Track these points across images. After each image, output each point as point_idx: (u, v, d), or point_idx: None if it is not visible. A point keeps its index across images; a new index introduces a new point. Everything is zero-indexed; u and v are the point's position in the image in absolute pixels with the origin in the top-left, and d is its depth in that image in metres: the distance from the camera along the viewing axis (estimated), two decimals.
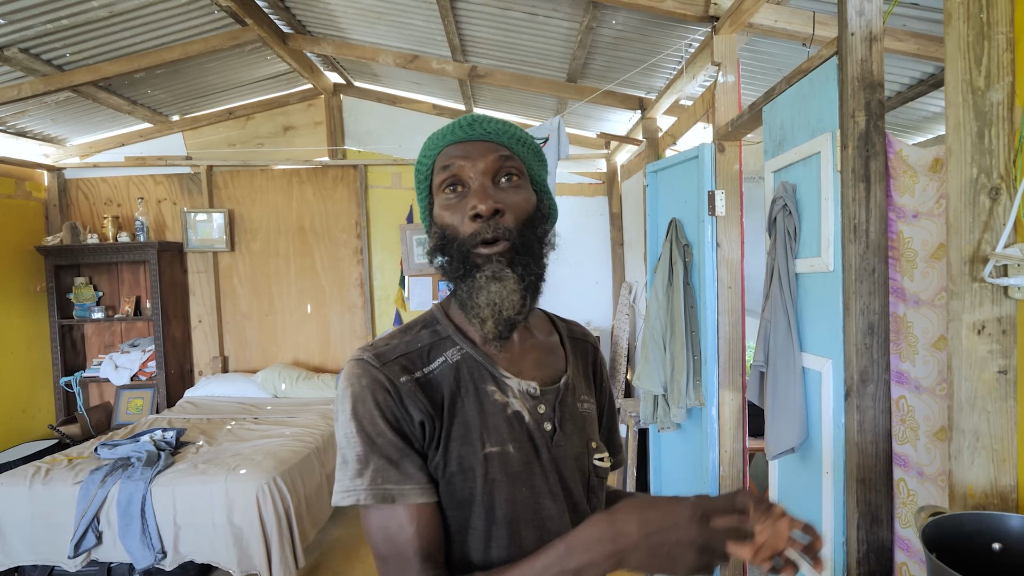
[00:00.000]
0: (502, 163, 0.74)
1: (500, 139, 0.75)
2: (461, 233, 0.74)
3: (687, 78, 2.49)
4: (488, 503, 0.71)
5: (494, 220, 0.72)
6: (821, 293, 1.49)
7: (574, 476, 0.78)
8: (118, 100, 3.68)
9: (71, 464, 2.77)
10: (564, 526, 0.75)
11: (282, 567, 2.50)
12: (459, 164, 0.74)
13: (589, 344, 0.92)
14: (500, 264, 0.72)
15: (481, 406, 0.74)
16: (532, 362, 0.81)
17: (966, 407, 1.00)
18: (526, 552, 0.72)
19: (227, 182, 4.39)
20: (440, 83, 3.90)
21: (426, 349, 0.76)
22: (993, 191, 0.96)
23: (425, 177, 0.79)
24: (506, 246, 0.73)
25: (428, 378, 0.74)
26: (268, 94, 4.31)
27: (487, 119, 0.76)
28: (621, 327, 3.78)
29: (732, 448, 2.23)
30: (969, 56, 0.96)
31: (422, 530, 0.68)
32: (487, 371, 0.76)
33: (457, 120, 0.77)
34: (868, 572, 1.36)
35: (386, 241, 4.45)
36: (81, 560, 2.52)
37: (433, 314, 0.81)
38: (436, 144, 0.77)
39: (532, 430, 0.75)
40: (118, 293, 4.33)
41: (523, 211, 0.75)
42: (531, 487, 0.74)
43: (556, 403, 0.79)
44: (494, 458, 0.72)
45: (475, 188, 0.73)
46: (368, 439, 0.69)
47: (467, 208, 0.73)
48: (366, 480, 0.68)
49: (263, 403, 3.92)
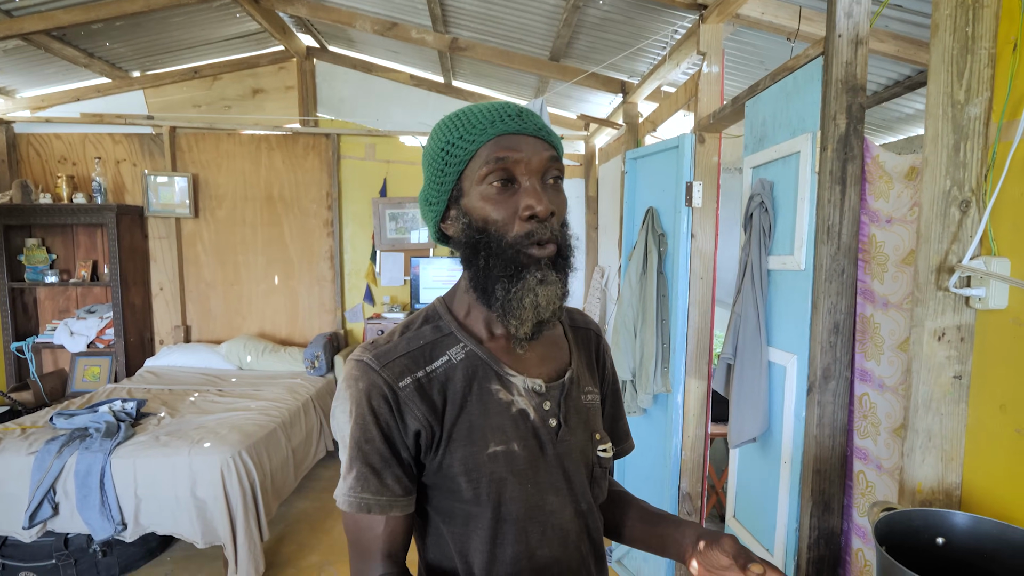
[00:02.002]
0: (551, 164, 0.72)
1: (549, 137, 0.73)
2: (509, 232, 0.71)
3: (671, 65, 2.49)
4: (495, 502, 0.73)
5: (549, 222, 0.71)
6: (791, 290, 1.53)
7: (578, 470, 0.79)
8: (73, 52, 3.47)
9: (24, 433, 2.69)
10: (567, 520, 0.78)
11: (247, 540, 2.49)
12: (514, 158, 0.70)
13: (592, 332, 0.92)
14: (548, 268, 0.72)
15: (486, 406, 0.74)
16: (537, 358, 0.80)
17: (921, 408, 1.05)
18: (531, 548, 0.74)
19: (191, 145, 4.22)
20: (419, 53, 3.79)
21: (428, 347, 0.75)
22: (964, 204, 0.99)
23: (460, 161, 0.72)
24: (554, 249, 0.72)
25: (431, 378, 0.73)
26: (237, 54, 4.13)
27: (531, 114, 0.73)
28: (592, 310, 3.82)
29: (695, 434, 2.30)
30: (952, 69, 0.98)
31: (388, 535, 0.71)
32: (492, 369, 0.75)
33: (498, 107, 0.72)
34: (818, 556, 1.44)
35: (358, 214, 4.36)
36: (36, 531, 2.46)
37: (436, 309, 0.80)
38: (483, 130, 0.71)
39: (537, 427, 0.76)
40: (73, 257, 4.16)
41: (564, 213, 0.75)
42: (536, 484, 0.75)
43: (561, 399, 0.79)
44: (499, 457, 0.73)
45: (528, 187, 0.70)
46: (356, 445, 0.70)
47: (518, 206, 0.70)
48: (347, 485, 0.71)
49: (228, 375, 3.85)
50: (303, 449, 3.27)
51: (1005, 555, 0.86)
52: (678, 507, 2.34)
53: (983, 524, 0.88)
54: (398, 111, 4.31)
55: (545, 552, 0.76)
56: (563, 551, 0.77)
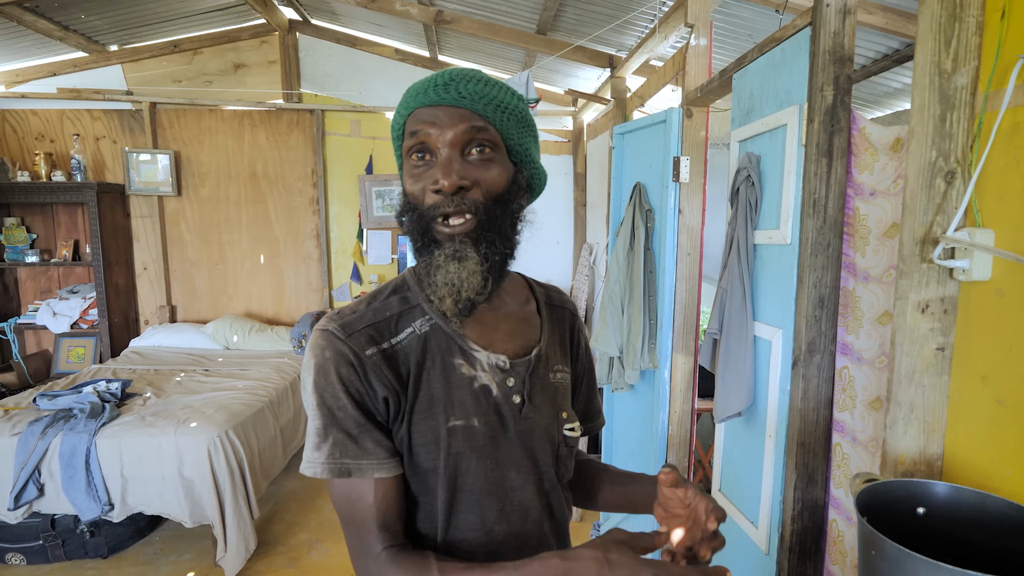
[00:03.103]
0: (473, 134, 0.69)
1: (475, 106, 0.69)
2: (423, 204, 0.70)
3: (659, 38, 2.44)
4: (451, 475, 0.72)
5: (459, 195, 0.68)
6: (777, 265, 1.52)
7: (543, 447, 0.78)
8: (47, 24, 3.36)
9: (7, 415, 2.66)
10: (528, 496, 0.77)
11: (236, 518, 2.49)
12: (426, 131, 0.69)
13: (567, 311, 0.90)
14: (464, 243, 0.69)
15: (447, 380, 0.73)
16: (504, 333, 0.79)
17: (904, 380, 1.05)
18: (487, 521, 0.73)
19: (172, 121, 4.13)
20: (404, 26, 3.71)
21: (394, 318, 0.74)
22: (949, 175, 0.98)
23: (397, 136, 0.75)
24: (472, 222, 0.69)
25: (395, 349, 0.72)
26: (217, 27, 4.01)
27: (467, 79, 0.70)
28: (580, 288, 3.81)
29: (681, 409, 2.31)
30: (940, 37, 0.97)
31: (379, 502, 0.69)
32: (455, 344, 0.74)
33: (433, 77, 0.70)
34: (801, 528, 1.46)
35: (343, 192, 4.30)
36: (22, 512, 2.45)
37: (405, 279, 0.78)
38: (408, 104, 0.72)
39: (500, 403, 0.75)
40: (54, 236, 4.08)
41: (494, 186, 0.71)
42: (496, 460, 0.74)
43: (527, 375, 0.78)
44: (457, 432, 0.72)
45: (441, 160, 0.68)
46: (328, 412, 0.69)
47: (430, 180, 0.69)
48: (324, 454, 0.69)
49: (214, 355, 3.82)
50: (291, 428, 3.27)
51: (984, 524, 0.87)
52: None
53: (963, 494, 0.89)
54: (383, 86, 4.23)
55: (504, 528, 0.75)
56: (522, 527, 0.77)
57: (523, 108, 0.75)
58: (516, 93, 0.74)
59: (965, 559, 0.87)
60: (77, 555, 2.61)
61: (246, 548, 2.52)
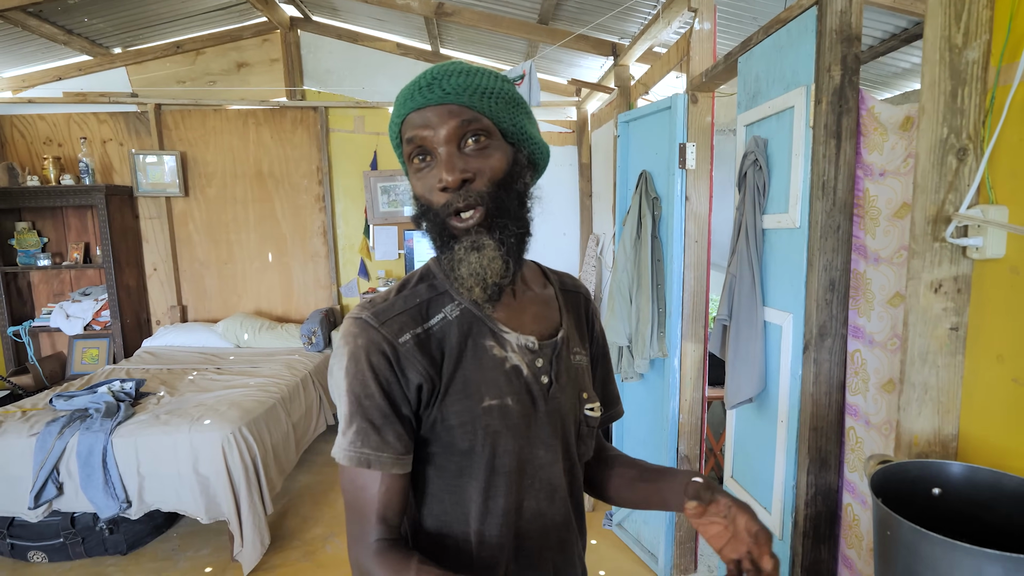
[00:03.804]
0: (465, 127, 0.70)
1: (461, 99, 0.70)
2: (434, 204, 0.72)
3: (662, 24, 2.42)
4: (490, 454, 0.74)
5: (464, 189, 0.70)
6: (786, 249, 1.51)
7: (568, 426, 0.81)
8: (51, 28, 3.38)
9: (25, 416, 2.69)
10: (556, 475, 0.79)
11: (251, 514, 2.52)
12: (420, 135, 0.71)
13: (581, 295, 0.92)
14: (480, 233, 0.71)
15: (480, 361, 0.75)
16: (530, 316, 0.81)
17: (918, 361, 1.04)
18: (520, 500, 0.77)
19: (177, 122, 4.14)
20: (405, 20, 3.70)
21: (425, 305, 0.76)
22: (961, 152, 0.97)
23: (397, 143, 0.77)
24: (481, 213, 0.71)
25: (428, 334, 0.74)
26: (219, 27, 4.02)
27: (448, 73, 0.71)
28: (587, 279, 3.80)
29: (692, 397, 2.31)
30: (950, 11, 0.95)
31: (384, 496, 0.71)
32: (486, 326, 0.77)
33: (417, 79, 0.72)
34: (815, 513, 1.45)
35: (349, 188, 4.31)
36: (42, 511, 2.48)
37: (430, 268, 0.80)
38: (399, 111, 0.74)
39: (530, 383, 0.77)
40: (65, 239, 4.12)
41: (495, 172, 0.72)
42: (528, 438, 0.77)
43: (553, 357, 0.80)
44: (493, 411, 0.74)
45: (441, 158, 0.70)
46: (356, 399, 0.71)
47: (435, 179, 0.71)
48: (347, 440, 0.71)
49: (225, 353, 3.85)
50: (303, 424, 3.29)
51: (1000, 503, 0.87)
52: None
53: (978, 473, 0.88)
54: (385, 81, 4.22)
55: (532, 504, 0.78)
56: (549, 505, 0.80)
57: (509, 88, 0.75)
58: (500, 75, 0.75)
59: (982, 538, 0.86)
60: (97, 552, 2.65)
61: (261, 543, 2.55)
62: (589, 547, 2.70)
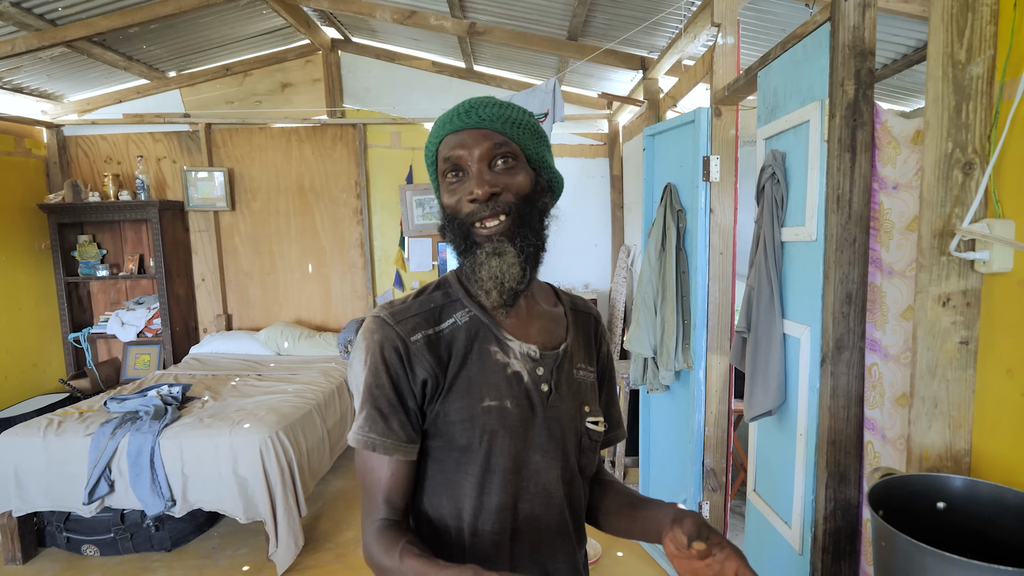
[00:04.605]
0: (496, 149, 0.79)
1: (495, 125, 0.79)
2: (461, 213, 0.80)
3: (688, 38, 2.45)
4: (485, 451, 0.79)
5: (492, 201, 0.78)
6: (804, 262, 1.51)
7: (567, 436, 0.85)
8: (113, 56, 3.64)
9: (82, 417, 2.88)
10: (551, 481, 0.83)
11: (286, 515, 2.62)
12: (457, 154, 0.79)
13: (591, 316, 0.98)
14: (502, 240, 0.78)
15: (484, 364, 0.81)
16: (537, 328, 0.87)
17: (927, 375, 1.04)
18: (515, 500, 0.81)
19: (226, 140, 4.37)
20: (439, 40, 3.82)
21: (438, 310, 0.84)
22: (967, 166, 0.97)
23: (431, 161, 0.85)
24: (507, 222, 0.79)
25: (439, 336, 0.82)
26: (265, 50, 4.24)
27: (484, 105, 0.80)
28: (619, 290, 3.81)
29: (718, 410, 2.30)
30: (952, 28, 0.96)
31: (389, 480, 0.78)
32: (492, 333, 0.83)
33: (456, 107, 0.81)
34: (834, 528, 1.43)
35: (386, 202, 4.45)
36: (95, 506, 2.65)
37: (447, 279, 0.88)
38: (438, 132, 0.82)
39: (530, 389, 0.83)
40: (121, 251, 4.38)
41: (521, 188, 0.80)
42: (524, 441, 0.82)
43: (554, 367, 0.85)
44: (492, 411, 0.80)
45: (473, 174, 0.79)
46: (368, 389, 0.78)
47: (466, 192, 0.79)
48: (357, 424, 0.79)
49: (266, 360, 4.01)
50: (338, 430, 3.40)
51: (1004, 518, 0.86)
52: (702, 483, 2.35)
53: (980, 487, 0.88)
54: (421, 98, 4.36)
55: (527, 507, 0.82)
56: (545, 511, 0.83)
57: (534, 122, 0.85)
58: (526, 111, 0.85)
59: (986, 553, 0.85)
60: (144, 548, 2.80)
61: (296, 544, 2.64)
62: (615, 559, 2.70)
